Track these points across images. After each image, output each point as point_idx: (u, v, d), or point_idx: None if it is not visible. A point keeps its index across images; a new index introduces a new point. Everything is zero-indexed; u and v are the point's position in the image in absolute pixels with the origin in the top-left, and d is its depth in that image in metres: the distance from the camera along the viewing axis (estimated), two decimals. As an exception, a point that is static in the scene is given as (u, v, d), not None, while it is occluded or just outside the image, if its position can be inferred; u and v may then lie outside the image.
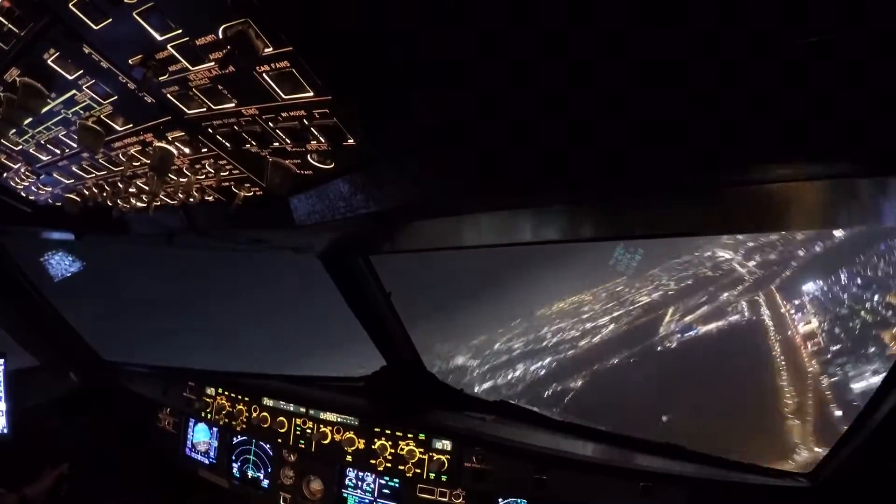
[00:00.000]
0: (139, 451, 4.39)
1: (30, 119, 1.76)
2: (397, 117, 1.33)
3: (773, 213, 1.47)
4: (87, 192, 2.39)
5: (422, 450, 3.09)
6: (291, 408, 3.59)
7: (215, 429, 3.97)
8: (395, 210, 1.66)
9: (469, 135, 1.32)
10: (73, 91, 1.52)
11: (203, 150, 1.72)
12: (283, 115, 1.36)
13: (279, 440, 3.58)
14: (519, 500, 2.82)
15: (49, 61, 1.37)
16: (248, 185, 1.91)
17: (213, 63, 1.20)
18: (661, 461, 2.75)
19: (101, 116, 1.63)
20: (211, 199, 2.11)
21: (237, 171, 1.82)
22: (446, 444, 3.04)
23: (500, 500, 2.86)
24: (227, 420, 3.85)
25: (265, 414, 3.66)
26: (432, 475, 3.03)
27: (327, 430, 3.40)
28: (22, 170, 2.40)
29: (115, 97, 1.51)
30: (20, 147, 2.10)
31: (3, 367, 3.83)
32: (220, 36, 1.09)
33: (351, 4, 1.03)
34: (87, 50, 1.29)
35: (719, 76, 0.95)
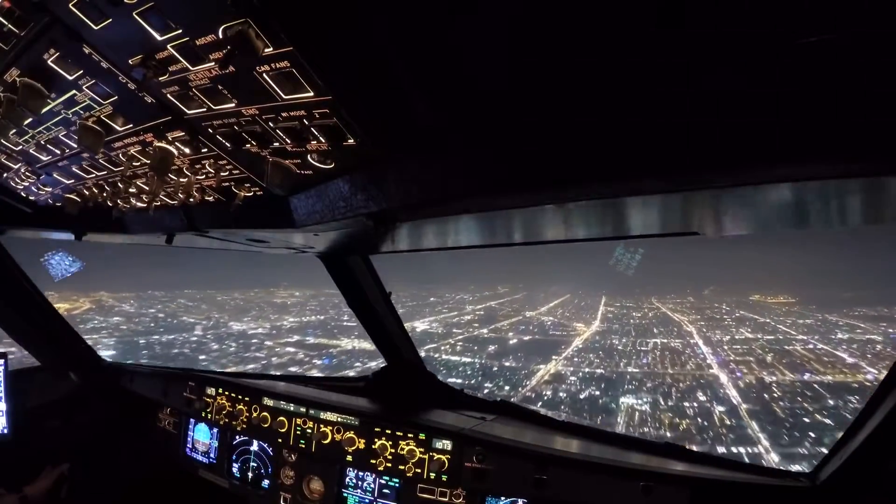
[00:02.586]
0: (139, 451, 4.39)
1: (30, 119, 1.76)
2: (397, 117, 1.33)
3: (773, 214, 1.47)
4: (87, 192, 2.39)
5: (422, 449, 3.09)
6: (292, 408, 3.59)
7: (215, 429, 3.97)
8: (395, 210, 1.66)
9: (469, 135, 1.33)
10: (73, 91, 1.51)
11: (203, 150, 1.72)
12: (284, 115, 1.36)
13: (279, 440, 3.58)
14: (519, 500, 2.82)
15: (49, 61, 1.37)
16: (248, 185, 1.91)
17: (213, 63, 1.20)
18: (661, 461, 2.75)
19: (101, 116, 1.63)
20: (211, 199, 2.11)
21: (237, 171, 1.82)
22: (446, 444, 3.04)
23: (500, 499, 2.87)
24: (227, 420, 3.85)
25: (265, 414, 3.66)
26: (432, 475, 3.03)
27: (327, 429, 3.40)
28: (22, 170, 2.41)
29: (115, 97, 1.51)
30: (20, 147, 2.10)
31: (3, 367, 3.83)
32: (220, 36, 1.09)
33: (351, 5, 1.03)
34: (87, 50, 1.29)
35: (719, 76, 0.95)
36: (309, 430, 3.47)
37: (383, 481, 3.21)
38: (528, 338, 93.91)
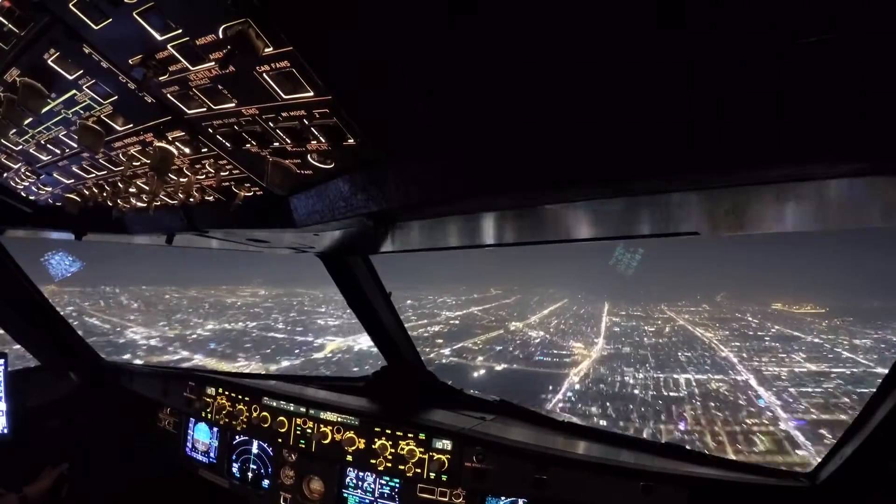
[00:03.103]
0: (139, 451, 4.39)
1: (30, 119, 1.76)
2: (397, 117, 1.33)
3: (774, 214, 1.47)
4: (87, 192, 2.39)
5: (422, 449, 3.09)
6: (292, 408, 3.59)
7: (216, 429, 3.97)
8: (395, 210, 1.66)
9: (469, 135, 1.33)
10: (73, 91, 1.52)
11: (203, 150, 1.72)
12: (284, 115, 1.36)
13: (279, 440, 3.58)
14: (519, 500, 2.82)
15: (49, 61, 1.37)
16: (248, 185, 1.92)
17: (213, 63, 1.20)
18: (661, 461, 2.75)
19: (102, 116, 1.63)
20: (211, 199, 2.11)
21: (237, 171, 1.82)
22: (446, 444, 3.04)
23: (500, 499, 2.87)
24: (227, 420, 3.85)
25: (265, 414, 3.67)
26: (432, 475, 3.03)
27: (327, 429, 3.40)
28: (22, 170, 2.41)
29: (115, 97, 1.51)
30: (20, 147, 2.10)
31: (3, 367, 3.83)
32: (220, 36, 1.09)
33: (351, 5, 1.03)
34: (87, 50, 1.29)
35: (719, 76, 0.95)
36: (309, 430, 3.47)
37: (383, 481, 3.21)
38: (502, 367, 64.50)
